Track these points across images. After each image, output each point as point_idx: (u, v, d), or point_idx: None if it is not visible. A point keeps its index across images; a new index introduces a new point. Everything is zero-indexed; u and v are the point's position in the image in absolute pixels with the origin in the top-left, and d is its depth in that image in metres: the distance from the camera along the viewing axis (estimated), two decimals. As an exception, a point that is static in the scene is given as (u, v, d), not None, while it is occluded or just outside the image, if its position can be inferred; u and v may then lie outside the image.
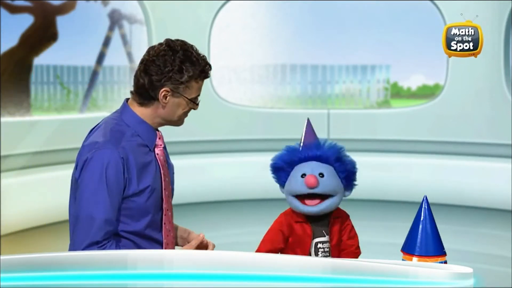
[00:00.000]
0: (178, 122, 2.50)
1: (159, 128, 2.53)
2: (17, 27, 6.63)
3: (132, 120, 2.44)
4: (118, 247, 2.37)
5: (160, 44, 2.43)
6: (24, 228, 5.58)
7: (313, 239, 2.41)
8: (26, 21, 6.67)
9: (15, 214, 5.51)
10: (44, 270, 1.73)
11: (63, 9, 6.87)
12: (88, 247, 2.32)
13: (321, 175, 2.38)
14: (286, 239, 2.43)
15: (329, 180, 2.38)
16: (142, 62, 2.43)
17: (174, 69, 2.38)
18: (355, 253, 2.47)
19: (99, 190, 2.32)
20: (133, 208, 2.39)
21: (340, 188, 2.41)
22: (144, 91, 2.42)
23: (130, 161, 2.36)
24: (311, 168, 2.39)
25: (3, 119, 5.81)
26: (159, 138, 2.49)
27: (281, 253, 2.43)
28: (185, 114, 2.49)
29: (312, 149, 2.42)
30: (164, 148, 2.55)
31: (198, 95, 2.46)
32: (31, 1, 6.71)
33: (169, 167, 2.55)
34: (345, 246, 2.47)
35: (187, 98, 2.42)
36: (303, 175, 2.38)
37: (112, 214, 2.34)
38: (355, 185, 2.46)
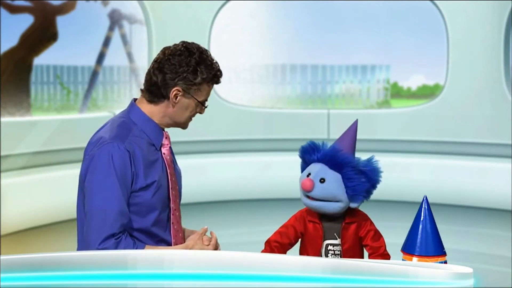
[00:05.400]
0: (184, 124, 2.52)
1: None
2: (17, 27, 6.63)
3: (139, 118, 2.46)
4: (133, 240, 2.35)
5: (176, 44, 2.46)
6: (24, 228, 5.57)
7: (324, 240, 2.40)
8: (26, 21, 6.67)
9: (15, 214, 5.51)
10: (44, 270, 1.74)
11: (63, 9, 6.87)
12: (105, 240, 2.29)
13: (322, 180, 2.37)
14: (297, 235, 2.44)
15: (328, 187, 2.36)
16: (156, 60, 2.45)
17: (189, 70, 2.40)
18: (384, 255, 2.41)
19: (109, 182, 2.32)
20: (139, 204, 2.39)
21: (342, 197, 2.37)
22: (156, 88, 2.43)
23: (137, 155, 2.38)
24: (316, 171, 2.39)
25: (3, 119, 5.82)
26: (166, 138, 2.50)
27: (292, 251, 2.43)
28: (192, 117, 2.51)
29: (325, 152, 2.41)
30: (171, 151, 2.56)
31: (206, 99, 2.49)
32: (31, 1, 6.71)
33: (176, 172, 2.56)
34: (371, 249, 2.43)
35: (197, 100, 2.44)
36: (308, 175, 2.39)
37: (125, 206, 2.34)
38: (364, 198, 2.40)
